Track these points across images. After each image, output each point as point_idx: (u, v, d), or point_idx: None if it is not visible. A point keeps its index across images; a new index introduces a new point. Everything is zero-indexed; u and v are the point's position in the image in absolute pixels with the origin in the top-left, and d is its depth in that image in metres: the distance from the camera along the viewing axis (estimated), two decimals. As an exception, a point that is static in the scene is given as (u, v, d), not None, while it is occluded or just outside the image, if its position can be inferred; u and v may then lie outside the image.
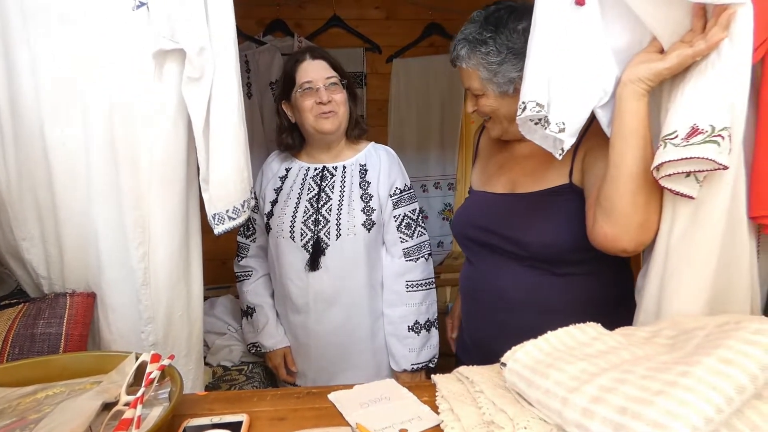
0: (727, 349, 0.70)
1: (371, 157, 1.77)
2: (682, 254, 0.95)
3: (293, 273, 1.72)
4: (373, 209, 1.71)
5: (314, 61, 1.68)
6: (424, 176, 3.43)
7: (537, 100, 0.98)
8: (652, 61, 0.93)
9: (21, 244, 1.25)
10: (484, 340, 1.38)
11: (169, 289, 1.28)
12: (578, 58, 0.98)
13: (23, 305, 1.26)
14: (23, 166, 1.18)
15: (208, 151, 1.18)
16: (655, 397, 0.66)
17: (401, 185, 1.76)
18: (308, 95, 1.65)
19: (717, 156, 0.83)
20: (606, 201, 1.02)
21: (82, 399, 0.87)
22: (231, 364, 2.11)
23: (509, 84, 1.21)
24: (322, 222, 1.69)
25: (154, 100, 1.15)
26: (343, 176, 1.74)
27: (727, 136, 0.83)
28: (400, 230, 1.75)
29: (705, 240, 0.92)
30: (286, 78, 1.71)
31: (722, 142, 0.83)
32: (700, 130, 0.84)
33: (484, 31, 1.20)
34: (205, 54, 1.11)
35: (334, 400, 0.98)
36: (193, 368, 1.38)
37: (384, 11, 3.25)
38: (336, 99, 1.66)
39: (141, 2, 1.10)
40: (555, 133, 0.98)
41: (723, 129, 0.83)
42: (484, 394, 0.88)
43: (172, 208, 1.24)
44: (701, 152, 0.83)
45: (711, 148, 0.83)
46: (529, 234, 1.24)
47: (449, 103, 3.31)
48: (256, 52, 3.05)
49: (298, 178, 1.76)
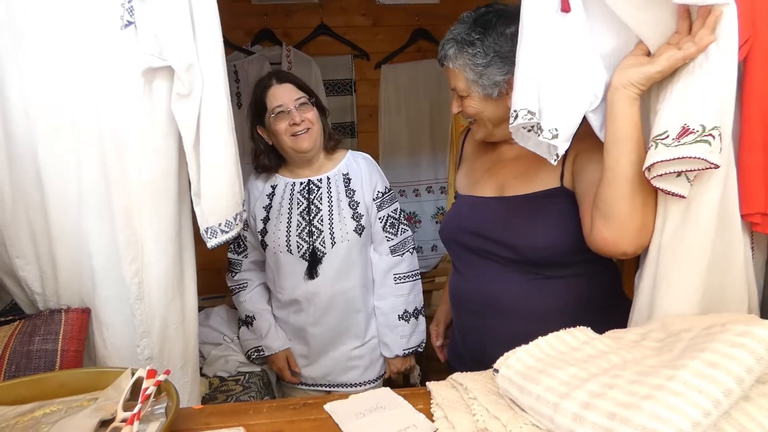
0: (712, 353, 0.71)
1: (352, 165, 1.89)
2: (673, 253, 0.96)
3: (293, 282, 1.84)
4: (361, 214, 1.84)
5: (281, 85, 1.78)
6: (416, 180, 3.44)
7: (528, 108, 0.99)
8: (642, 65, 0.94)
9: (15, 261, 1.26)
10: (477, 347, 1.37)
11: (163, 303, 1.28)
12: (567, 64, 0.99)
13: (19, 322, 1.27)
14: (17, 185, 1.19)
15: (199, 166, 1.18)
16: (643, 401, 0.67)
17: (382, 188, 1.90)
18: (281, 118, 1.74)
19: (708, 155, 0.85)
20: (604, 205, 1.02)
21: (80, 417, 0.87)
22: (227, 375, 2.11)
23: (494, 87, 1.21)
24: (316, 233, 1.80)
25: (144, 116, 1.16)
26: (329, 187, 1.84)
27: (717, 135, 0.85)
28: (385, 230, 1.89)
29: (696, 238, 0.93)
30: (257, 104, 1.80)
31: (713, 141, 0.85)
32: (691, 130, 0.86)
33: (473, 33, 1.20)
34: (193, 70, 1.11)
35: (330, 411, 0.99)
36: (189, 381, 1.39)
37: (371, 18, 3.27)
38: (308, 117, 1.75)
39: (129, 21, 1.11)
40: (548, 140, 0.99)
41: (713, 128, 0.85)
42: (478, 400, 0.89)
43: (164, 223, 1.24)
44: (693, 152, 0.85)
45: (702, 148, 0.85)
46: (522, 237, 1.23)
47: (438, 106, 3.33)
48: (245, 62, 3.06)
49: (285, 193, 1.86)
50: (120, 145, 1.16)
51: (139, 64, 1.13)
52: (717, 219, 0.92)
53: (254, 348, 1.98)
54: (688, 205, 0.93)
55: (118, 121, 1.15)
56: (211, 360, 2.17)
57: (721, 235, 0.93)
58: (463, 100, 1.27)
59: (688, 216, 0.94)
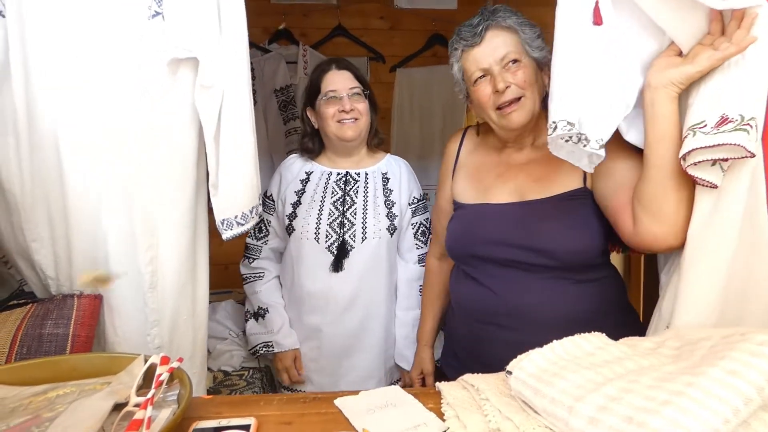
0: (732, 360, 0.71)
1: (392, 166, 1.87)
2: (702, 242, 0.98)
3: (314, 274, 1.77)
4: (395, 215, 1.81)
5: (339, 72, 1.76)
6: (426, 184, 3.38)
7: (567, 119, 1.02)
8: (679, 65, 0.97)
9: (31, 245, 1.27)
10: (497, 361, 1.15)
11: (175, 293, 1.29)
12: (603, 75, 1.02)
13: (31, 305, 1.27)
14: (37, 170, 1.19)
15: (218, 157, 1.19)
16: (662, 407, 0.67)
17: (418, 195, 1.89)
18: (332, 103, 1.72)
19: (747, 143, 0.87)
20: (652, 203, 1.04)
21: (94, 399, 0.88)
22: (232, 369, 2.12)
23: (543, 56, 1.23)
24: (347, 225, 1.76)
25: (167, 106, 1.17)
26: (366, 182, 1.81)
27: (755, 125, 0.88)
28: (416, 237, 1.87)
29: (724, 227, 0.96)
30: (311, 86, 1.79)
31: (751, 130, 0.88)
32: (729, 119, 0.89)
33: (510, 13, 1.24)
34: (218, 62, 1.13)
35: (340, 406, 0.99)
36: (197, 372, 1.39)
37: (388, 22, 3.28)
38: (359, 108, 1.73)
39: (156, 12, 1.12)
40: (596, 150, 1.02)
41: (751, 118, 0.88)
42: (490, 401, 0.88)
43: (180, 213, 1.25)
44: (733, 139, 0.88)
45: (742, 136, 0.88)
46: (555, 242, 1.21)
47: (452, 112, 3.33)
48: (262, 60, 3.07)
49: (321, 181, 1.81)
50: (141, 134, 1.17)
51: (164, 55, 1.14)
52: (744, 209, 0.94)
53: (263, 343, 1.84)
54: (719, 195, 0.96)
55: (141, 110, 1.17)
56: (216, 354, 2.18)
57: (749, 225, 0.94)
58: (515, 69, 1.23)
59: (718, 206, 0.96)
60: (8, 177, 1.20)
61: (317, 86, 1.76)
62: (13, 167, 1.19)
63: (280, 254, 1.92)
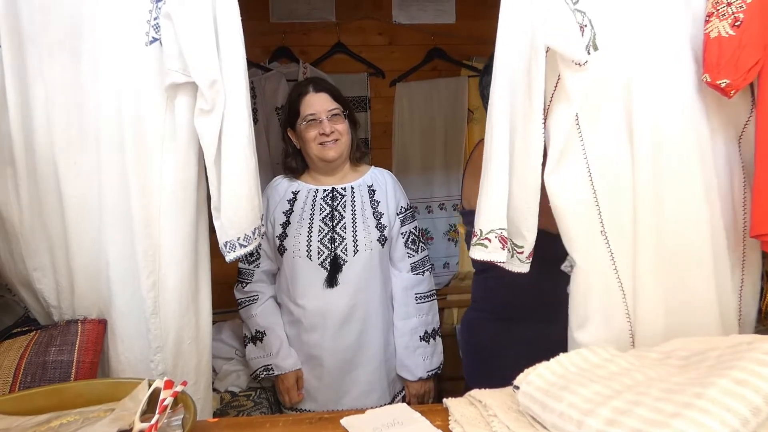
0: (740, 371, 0.70)
1: (377, 178, 1.90)
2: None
3: (310, 291, 1.78)
4: (385, 225, 1.83)
5: (317, 94, 1.79)
6: (429, 197, 3.43)
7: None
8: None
9: (32, 274, 1.27)
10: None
11: (178, 318, 1.28)
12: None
13: (35, 333, 1.27)
14: (36, 198, 1.20)
15: (219, 180, 1.19)
16: (671, 419, 0.66)
17: (405, 204, 1.91)
18: (312, 126, 1.76)
19: (484, 256, 1.11)
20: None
21: (98, 426, 0.87)
22: (239, 390, 2.10)
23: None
24: (338, 239, 1.78)
25: (166, 131, 1.18)
26: (353, 196, 1.83)
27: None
28: (407, 246, 1.89)
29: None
30: (290, 108, 1.82)
31: (489, 244, 1.08)
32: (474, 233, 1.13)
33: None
34: (216, 87, 1.13)
35: (347, 426, 0.98)
36: (201, 397, 1.38)
37: (387, 37, 3.30)
38: (338, 129, 1.77)
39: (154, 38, 1.13)
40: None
41: (490, 231, 1.08)
42: (498, 417, 0.88)
43: (182, 237, 1.25)
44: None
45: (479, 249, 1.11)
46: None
47: (453, 124, 3.33)
48: (262, 79, 3.09)
49: (308, 199, 1.83)
50: (142, 159, 1.18)
51: (163, 80, 1.15)
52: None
53: (263, 366, 1.83)
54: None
55: (141, 135, 1.17)
56: (222, 375, 2.16)
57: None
58: None
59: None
60: (7, 206, 1.21)
61: (296, 109, 1.79)
62: (12, 196, 1.19)
63: (273, 276, 1.92)
